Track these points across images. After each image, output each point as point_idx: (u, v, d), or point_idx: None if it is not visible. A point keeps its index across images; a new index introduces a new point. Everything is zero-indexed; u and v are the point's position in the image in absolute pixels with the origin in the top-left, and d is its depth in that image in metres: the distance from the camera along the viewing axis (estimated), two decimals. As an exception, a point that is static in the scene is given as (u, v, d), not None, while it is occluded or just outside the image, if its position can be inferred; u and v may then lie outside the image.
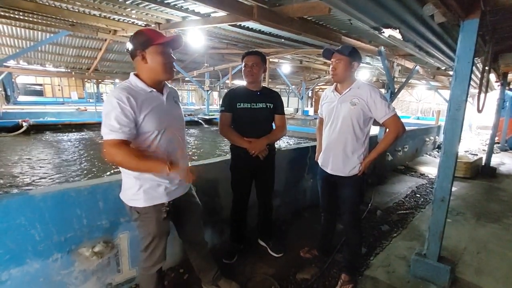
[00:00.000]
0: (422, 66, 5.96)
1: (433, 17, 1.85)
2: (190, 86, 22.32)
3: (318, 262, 2.19)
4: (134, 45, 1.26)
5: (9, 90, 14.82)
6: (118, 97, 1.19)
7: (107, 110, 1.19)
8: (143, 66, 1.28)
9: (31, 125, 7.19)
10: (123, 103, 1.19)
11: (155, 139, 1.30)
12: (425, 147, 7.02)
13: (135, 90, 1.26)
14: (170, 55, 1.32)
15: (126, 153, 1.19)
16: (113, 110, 1.18)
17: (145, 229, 1.39)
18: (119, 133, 1.18)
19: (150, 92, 1.30)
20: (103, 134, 1.20)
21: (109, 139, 1.18)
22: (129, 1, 3.74)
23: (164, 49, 1.28)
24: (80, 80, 19.73)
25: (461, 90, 1.76)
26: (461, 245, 2.53)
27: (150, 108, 1.27)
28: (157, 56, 1.26)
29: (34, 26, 6.95)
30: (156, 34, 1.28)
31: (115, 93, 1.21)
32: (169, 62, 1.30)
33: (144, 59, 1.26)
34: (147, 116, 1.25)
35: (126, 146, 1.21)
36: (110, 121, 1.18)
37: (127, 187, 1.35)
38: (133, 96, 1.22)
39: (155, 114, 1.28)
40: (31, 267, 1.43)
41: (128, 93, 1.21)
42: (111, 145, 1.18)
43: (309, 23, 3.15)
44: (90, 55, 10.71)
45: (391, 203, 3.57)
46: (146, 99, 1.27)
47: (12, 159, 5.34)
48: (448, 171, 1.88)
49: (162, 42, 1.26)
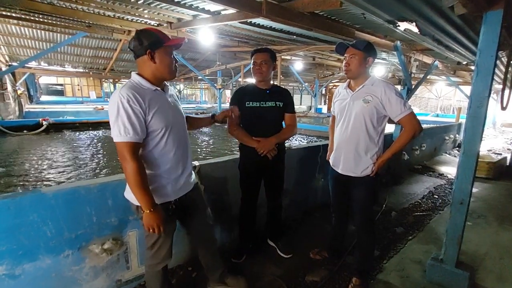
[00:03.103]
0: (442, 61, 5.69)
1: (453, 8, 1.75)
2: (203, 85, 22.52)
3: (328, 264, 2.14)
4: (143, 44, 1.24)
5: (32, 90, 15.51)
6: (127, 98, 1.18)
7: (116, 111, 1.17)
8: (149, 65, 1.28)
9: (50, 124, 7.48)
10: (133, 103, 1.18)
11: (163, 137, 1.31)
12: (444, 145, 6.73)
13: (142, 89, 1.26)
14: (173, 56, 1.34)
15: (135, 168, 1.19)
16: (123, 111, 1.16)
17: None
18: (131, 135, 1.18)
19: (155, 90, 1.31)
20: (114, 135, 1.19)
21: (122, 142, 1.18)
22: (141, 1, 3.78)
23: (171, 50, 1.32)
24: (98, 80, 20.34)
25: (483, 86, 1.65)
26: (482, 250, 2.39)
27: (157, 106, 1.27)
28: (166, 57, 1.28)
29: (53, 28, 7.21)
30: (164, 35, 1.29)
31: (123, 93, 1.18)
32: (174, 63, 1.34)
33: (152, 59, 1.26)
34: (155, 114, 1.25)
35: (139, 161, 1.21)
36: (121, 123, 1.17)
37: None
38: (141, 95, 1.22)
39: (162, 112, 1.29)
40: (43, 263, 1.47)
41: (136, 92, 1.21)
42: (123, 148, 1.18)
43: (321, 18, 3.06)
44: (106, 55, 11.00)
45: (406, 204, 3.44)
46: (152, 98, 1.27)
47: (30, 157, 5.58)
48: (468, 172, 1.77)
49: (171, 44, 1.28)
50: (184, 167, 1.43)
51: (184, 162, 1.43)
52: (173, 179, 1.38)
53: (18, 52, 9.82)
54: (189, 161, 1.49)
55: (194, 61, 11.56)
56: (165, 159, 1.34)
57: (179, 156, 1.39)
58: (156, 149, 1.31)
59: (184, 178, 1.43)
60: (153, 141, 1.29)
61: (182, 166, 1.41)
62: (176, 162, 1.38)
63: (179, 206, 1.43)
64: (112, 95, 1.23)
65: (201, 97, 25.19)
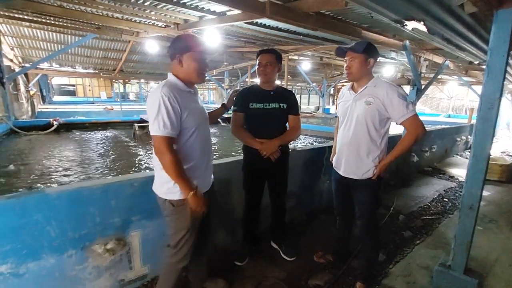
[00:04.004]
0: (453, 61, 5.54)
1: (463, 7, 1.69)
2: (211, 85, 22.64)
3: (332, 268, 2.10)
4: (174, 48, 1.37)
5: (44, 90, 15.93)
6: (167, 95, 1.27)
7: (157, 107, 1.25)
8: (179, 68, 1.39)
9: (61, 124, 7.64)
10: (173, 101, 1.27)
11: (192, 134, 1.40)
12: (455, 147, 6.56)
13: (178, 89, 1.34)
14: (204, 61, 1.41)
15: (174, 160, 1.28)
16: (164, 108, 1.25)
17: (178, 223, 1.44)
18: (169, 130, 1.27)
19: (188, 91, 1.41)
20: (153, 130, 1.28)
21: (160, 136, 1.26)
22: (147, 2, 3.82)
23: (199, 56, 1.38)
24: (108, 81, 20.75)
25: (494, 87, 1.59)
26: (492, 256, 2.31)
27: (191, 106, 1.37)
28: (192, 62, 1.36)
29: (64, 30, 7.37)
30: (194, 41, 1.37)
31: (164, 91, 1.27)
32: (203, 68, 1.41)
33: (180, 62, 1.37)
34: (189, 115, 1.34)
35: (175, 153, 1.30)
36: (161, 118, 1.25)
37: (164, 181, 1.40)
38: (179, 94, 1.32)
39: (194, 112, 1.39)
40: (47, 262, 1.49)
41: (175, 91, 1.31)
42: (161, 142, 1.26)
43: (326, 17, 3.01)
44: (115, 57, 11.19)
45: (415, 207, 3.36)
46: (187, 98, 1.37)
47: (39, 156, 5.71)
48: (478, 176, 1.71)
49: (200, 50, 1.37)
50: (207, 164, 1.52)
51: (208, 159, 1.52)
52: (199, 175, 1.45)
53: (30, 54, 10.10)
54: (211, 159, 1.57)
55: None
56: (193, 155, 1.41)
57: (205, 153, 1.47)
58: (186, 145, 1.39)
59: (208, 175, 1.53)
60: (183, 138, 1.38)
61: (206, 163, 1.50)
62: (202, 159, 1.46)
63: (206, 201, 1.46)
64: (152, 93, 1.32)
65: (209, 97, 25.35)
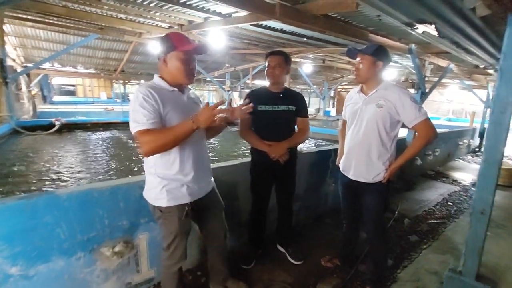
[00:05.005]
0: (458, 65, 5.54)
1: (474, 10, 1.68)
2: (211, 87, 22.66)
3: (340, 272, 2.08)
4: (159, 48, 1.33)
5: (45, 90, 15.91)
6: (142, 92, 1.25)
7: (133, 105, 1.25)
8: (164, 68, 1.35)
9: (63, 124, 7.63)
10: (147, 97, 1.24)
11: None
12: (458, 151, 6.55)
13: (158, 88, 1.31)
14: (190, 61, 1.35)
15: (157, 133, 1.22)
16: (139, 105, 1.23)
17: (167, 228, 1.42)
18: (147, 123, 1.22)
19: (172, 91, 1.36)
20: (132, 128, 1.24)
21: (138, 130, 1.21)
22: (153, 3, 3.82)
23: (184, 56, 1.31)
24: (108, 81, 20.71)
25: (507, 91, 1.57)
26: (502, 262, 2.29)
27: (172, 104, 1.31)
28: (176, 62, 1.31)
29: (67, 30, 7.37)
30: (180, 40, 1.30)
31: (140, 89, 1.27)
32: (188, 68, 1.34)
33: (165, 62, 1.32)
34: (170, 112, 1.29)
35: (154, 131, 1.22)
36: (137, 115, 1.22)
37: (151, 187, 1.39)
38: (156, 92, 1.27)
39: (178, 110, 1.32)
40: (56, 264, 1.47)
41: (151, 88, 1.27)
42: (141, 135, 1.21)
43: (334, 20, 3.01)
44: (117, 57, 11.19)
45: (420, 211, 3.34)
46: (168, 97, 1.32)
47: (44, 156, 5.69)
48: (490, 181, 1.69)
49: (183, 50, 1.29)
50: (198, 168, 1.43)
51: (200, 165, 1.44)
52: (189, 181, 1.39)
53: (32, 54, 10.10)
54: (205, 164, 1.51)
55: (203, 63, 11.64)
56: (180, 159, 1.36)
57: (195, 159, 1.41)
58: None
59: (200, 181, 1.45)
60: None
61: (197, 169, 1.42)
62: (192, 164, 1.39)
63: (195, 209, 1.45)
64: (132, 94, 1.32)
65: (209, 98, 25.35)
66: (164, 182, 1.35)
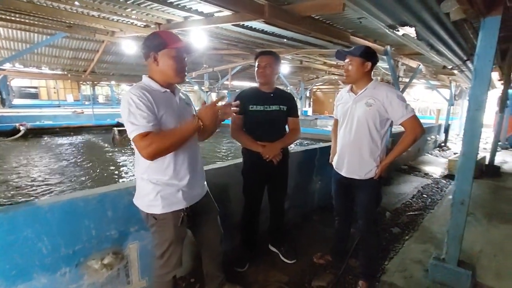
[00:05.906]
0: (427, 65, 5.93)
1: (449, 14, 1.80)
2: (187, 87, 22.17)
3: (332, 268, 2.13)
4: (148, 46, 1.26)
5: (4, 93, 14.57)
6: (136, 94, 1.18)
7: (127, 108, 1.17)
8: (155, 68, 1.28)
9: (28, 129, 7.05)
10: (143, 99, 1.18)
11: None
12: (426, 146, 7.03)
13: (150, 90, 1.25)
14: (182, 59, 1.31)
15: (161, 136, 1.17)
16: (136, 106, 1.16)
17: (161, 235, 1.36)
18: (148, 126, 1.16)
19: (164, 92, 1.29)
20: (129, 132, 1.18)
21: (139, 133, 1.15)
22: (130, 0, 3.65)
23: (177, 53, 1.27)
24: (75, 83, 19.48)
25: (481, 90, 1.71)
26: (476, 248, 2.48)
27: (166, 107, 1.26)
28: (168, 60, 1.26)
29: (31, 28, 6.82)
30: (170, 37, 1.26)
31: (132, 91, 1.20)
32: (180, 66, 1.30)
33: (156, 61, 1.26)
34: (165, 114, 1.24)
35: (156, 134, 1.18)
36: (134, 118, 1.16)
37: (144, 193, 1.31)
38: (151, 94, 1.22)
39: (172, 113, 1.28)
40: (38, 283, 1.34)
41: (145, 90, 1.22)
42: (142, 138, 1.15)
43: (318, 22, 3.08)
44: (87, 57, 10.53)
45: (399, 204, 3.52)
46: (161, 99, 1.26)
47: (13, 165, 5.21)
48: (468, 173, 1.83)
49: (175, 47, 1.25)
50: (194, 174, 1.38)
51: (195, 168, 1.39)
52: (184, 186, 1.34)
53: (-10, 53, 9.20)
54: (199, 168, 1.45)
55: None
56: (174, 163, 1.30)
57: (190, 162, 1.36)
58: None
59: (195, 186, 1.40)
60: None
61: (192, 173, 1.37)
62: (187, 168, 1.34)
63: (190, 214, 1.39)
64: (123, 97, 1.23)
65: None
66: (158, 187, 1.29)
